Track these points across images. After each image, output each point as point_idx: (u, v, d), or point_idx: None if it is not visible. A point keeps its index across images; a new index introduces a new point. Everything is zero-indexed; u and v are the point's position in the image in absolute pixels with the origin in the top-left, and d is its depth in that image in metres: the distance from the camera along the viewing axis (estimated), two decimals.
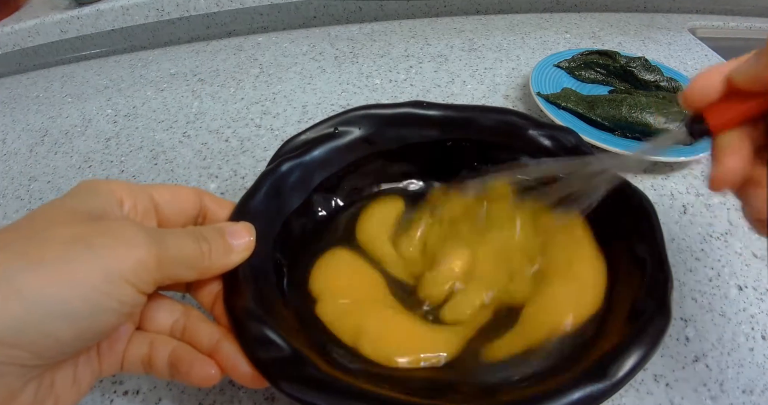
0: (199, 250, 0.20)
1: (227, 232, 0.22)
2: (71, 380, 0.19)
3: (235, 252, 0.22)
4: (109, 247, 0.17)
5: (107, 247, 0.17)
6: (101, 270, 0.17)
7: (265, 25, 0.62)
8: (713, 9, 0.66)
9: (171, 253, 0.19)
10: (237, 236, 0.22)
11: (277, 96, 0.49)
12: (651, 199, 0.26)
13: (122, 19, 0.58)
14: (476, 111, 0.32)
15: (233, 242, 0.22)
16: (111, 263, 0.17)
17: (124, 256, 0.17)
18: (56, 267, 0.16)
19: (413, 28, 0.61)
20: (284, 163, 0.28)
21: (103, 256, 0.17)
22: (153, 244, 0.18)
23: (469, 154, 0.32)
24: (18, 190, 0.41)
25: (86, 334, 0.17)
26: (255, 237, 0.23)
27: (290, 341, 0.21)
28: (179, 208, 0.23)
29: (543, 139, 0.30)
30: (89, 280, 0.16)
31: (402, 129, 0.32)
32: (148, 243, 0.18)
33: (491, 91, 0.49)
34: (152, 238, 0.18)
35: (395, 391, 0.20)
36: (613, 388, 0.19)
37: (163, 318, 0.22)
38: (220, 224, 0.23)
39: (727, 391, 0.26)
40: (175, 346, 0.21)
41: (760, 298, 0.31)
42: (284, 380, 0.19)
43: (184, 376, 0.20)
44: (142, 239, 0.18)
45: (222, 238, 0.22)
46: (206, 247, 0.20)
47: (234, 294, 0.22)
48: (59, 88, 0.53)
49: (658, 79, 0.47)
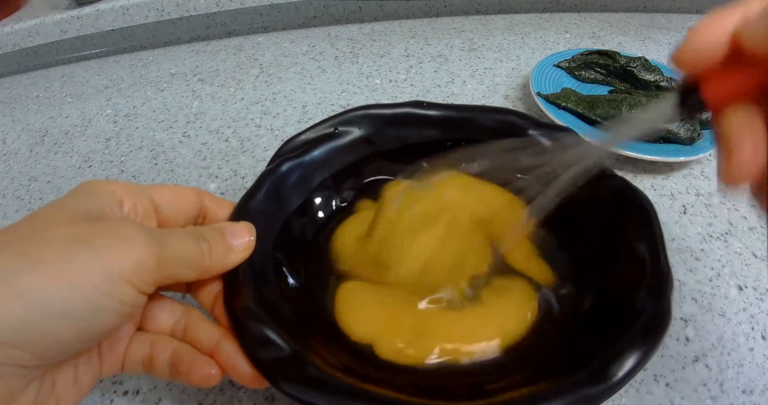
0: (199, 250, 0.20)
1: (227, 232, 0.22)
2: (72, 381, 0.19)
3: (235, 252, 0.22)
4: (109, 247, 0.17)
5: (107, 247, 0.17)
6: (101, 270, 0.17)
7: (265, 25, 0.62)
8: (713, 9, 0.66)
9: (171, 253, 0.19)
10: (237, 236, 0.22)
11: (277, 96, 0.49)
12: (651, 199, 0.26)
13: (122, 19, 0.58)
14: (476, 111, 0.32)
15: (233, 242, 0.22)
16: (111, 263, 0.17)
17: (124, 256, 0.17)
18: (56, 267, 0.16)
19: (413, 28, 0.61)
20: (284, 163, 0.28)
21: (103, 256, 0.17)
22: (153, 244, 0.18)
23: None
24: (18, 190, 0.41)
25: (86, 334, 0.17)
26: (255, 237, 0.23)
27: (290, 342, 0.21)
28: (179, 209, 0.23)
29: (543, 139, 0.30)
30: (89, 281, 0.16)
31: (402, 129, 0.32)
32: (148, 243, 0.18)
33: (491, 91, 0.49)
34: (152, 238, 0.18)
35: (397, 392, 0.20)
36: (612, 389, 0.19)
37: (164, 318, 0.22)
38: (220, 224, 0.23)
39: (727, 391, 0.26)
40: (176, 346, 0.21)
41: (760, 298, 0.31)
42: (284, 380, 0.19)
43: (185, 377, 0.20)
44: (141, 239, 0.18)
45: (222, 238, 0.22)
46: (206, 247, 0.20)
47: (234, 294, 0.22)
48: (59, 88, 0.53)
49: (658, 79, 0.47)
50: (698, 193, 0.38)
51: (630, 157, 0.38)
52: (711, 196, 0.38)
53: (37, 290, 0.15)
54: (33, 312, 0.15)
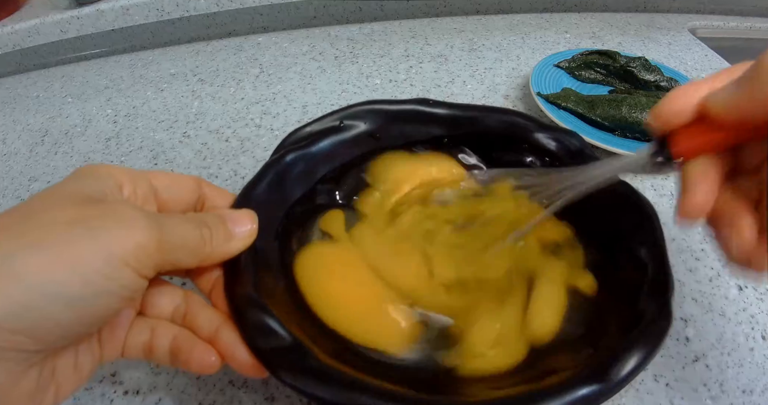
0: (200, 236, 0.20)
1: (228, 219, 0.22)
2: (72, 367, 0.19)
3: (237, 239, 0.22)
4: (108, 229, 0.17)
5: (107, 230, 0.17)
6: (102, 253, 0.16)
7: (265, 25, 0.62)
8: (713, 9, 0.66)
9: (171, 237, 0.19)
10: (239, 223, 0.22)
11: (277, 96, 0.49)
12: (651, 199, 0.26)
13: (122, 19, 0.58)
14: (481, 111, 0.32)
15: (235, 229, 0.22)
16: (112, 246, 0.17)
17: (124, 239, 0.17)
18: (56, 250, 0.16)
19: (413, 28, 0.61)
20: (289, 154, 0.28)
21: (103, 239, 0.17)
22: (153, 228, 0.18)
23: None
24: (18, 190, 0.41)
25: (87, 317, 0.17)
26: (257, 225, 0.23)
27: (291, 330, 0.20)
28: (178, 195, 0.23)
29: (547, 141, 0.30)
30: (90, 264, 0.16)
31: (407, 125, 0.32)
32: (149, 227, 0.18)
33: (491, 91, 0.49)
34: (153, 222, 0.18)
35: (398, 384, 0.20)
36: (613, 390, 0.19)
37: (164, 304, 0.22)
38: (221, 210, 0.22)
39: (727, 391, 0.26)
40: (176, 332, 0.21)
41: (760, 298, 0.31)
42: (284, 370, 0.19)
43: (184, 364, 0.20)
44: (142, 223, 0.18)
45: (223, 224, 0.21)
46: (207, 234, 0.20)
47: (235, 282, 0.22)
48: (59, 88, 0.53)
49: (658, 79, 0.47)
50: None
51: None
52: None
53: (37, 273, 0.15)
54: (33, 295, 0.15)
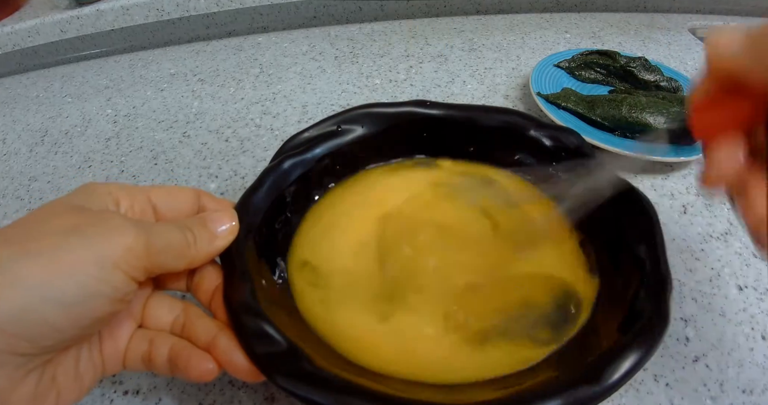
0: (185, 239, 0.21)
1: (209, 220, 0.23)
2: (73, 375, 0.19)
3: (219, 238, 0.23)
4: (100, 234, 0.18)
5: (99, 235, 0.18)
6: (94, 257, 0.17)
7: (265, 25, 0.62)
8: (713, 9, 0.66)
9: (158, 241, 0.20)
10: (218, 222, 0.23)
11: (277, 96, 0.49)
12: (651, 199, 0.26)
13: (122, 19, 0.58)
14: (479, 111, 0.32)
15: (216, 229, 0.23)
16: (103, 250, 0.18)
17: (114, 243, 0.18)
18: (52, 256, 0.17)
19: (413, 28, 0.61)
20: (286, 160, 0.28)
21: (95, 244, 0.18)
22: (141, 233, 0.19)
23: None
24: (18, 190, 0.41)
25: (82, 320, 0.17)
26: (237, 222, 0.24)
27: (287, 335, 0.21)
28: (177, 208, 0.23)
29: (545, 139, 0.30)
30: (84, 268, 0.17)
31: (404, 128, 0.32)
32: (137, 233, 0.19)
33: (491, 91, 0.49)
34: (140, 228, 0.19)
35: (392, 388, 0.20)
36: (609, 391, 0.19)
37: (163, 315, 0.23)
38: (202, 214, 0.24)
39: (727, 391, 0.26)
40: (174, 342, 0.21)
41: (760, 298, 0.31)
42: (280, 374, 0.20)
43: (182, 372, 0.21)
44: (131, 229, 0.19)
45: (205, 226, 0.22)
46: (191, 236, 0.21)
47: (232, 289, 0.22)
48: (59, 88, 0.53)
49: (658, 79, 0.47)
50: (698, 193, 0.38)
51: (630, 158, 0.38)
52: (711, 195, 0.38)
53: (35, 278, 0.16)
54: (30, 299, 0.16)
